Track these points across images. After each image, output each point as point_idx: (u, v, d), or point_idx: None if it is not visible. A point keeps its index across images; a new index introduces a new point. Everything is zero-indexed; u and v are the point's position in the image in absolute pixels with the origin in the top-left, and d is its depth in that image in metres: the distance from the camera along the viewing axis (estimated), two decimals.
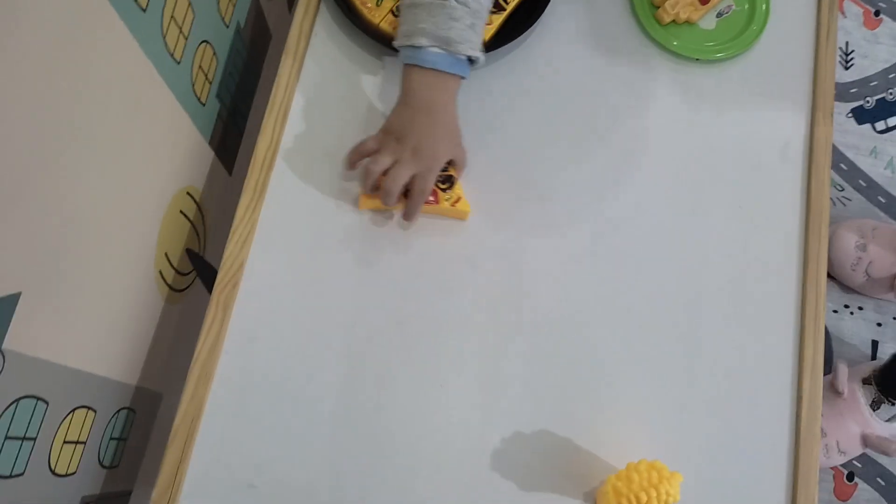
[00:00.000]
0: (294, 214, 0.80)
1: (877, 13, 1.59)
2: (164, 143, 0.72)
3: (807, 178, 0.85)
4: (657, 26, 0.89)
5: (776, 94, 0.88)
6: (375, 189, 0.75)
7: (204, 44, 0.75)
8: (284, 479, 0.72)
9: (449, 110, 0.76)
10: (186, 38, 0.70)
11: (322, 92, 0.84)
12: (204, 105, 0.79)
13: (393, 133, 0.75)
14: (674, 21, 0.89)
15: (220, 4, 0.77)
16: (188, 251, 0.83)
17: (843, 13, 1.58)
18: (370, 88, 0.85)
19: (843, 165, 1.47)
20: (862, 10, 1.59)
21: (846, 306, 1.38)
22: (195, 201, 0.82)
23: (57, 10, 0.49)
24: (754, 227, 0.83)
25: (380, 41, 0.84)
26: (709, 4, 0.89)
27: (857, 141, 1.49)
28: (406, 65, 0.74)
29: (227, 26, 0.81)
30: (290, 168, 0.81)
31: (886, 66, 1.55)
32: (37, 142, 0.51)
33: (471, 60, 0.75)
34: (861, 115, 1.51)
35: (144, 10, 0.60)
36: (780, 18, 0.91)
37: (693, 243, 0.82)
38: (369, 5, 0.85)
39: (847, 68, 1.54)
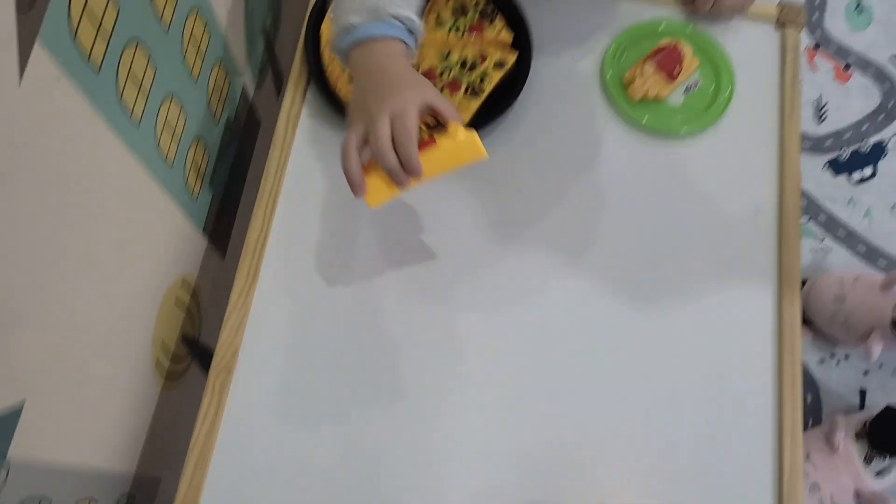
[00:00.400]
0: (286, 298, 0.83)
1: (847, 67, 1.64)
2: (159, 240, 0.75)
3: (778, 243, 0.88)
4: (628, 104, 0.93)
5: (745, 163, 0.92)
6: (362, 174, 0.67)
7: (196, 142, 0.79)
8: None
9: (399, 65, 0.69)
10: (179, 141, 0.74)
11: (310, 177, 0.88)
12: (196, 198, 0.82)
13: (355, 112, 0.69)
14: (644, 97, 0.93)
15: (211, 103, 0.82)
16: (184, 337, 0.86)
17: (814, 68, 1.64)
18: None
19: (821, 216, 1.50)
20: (833, 65, 1.64)
21: (832, 355, 1.41)
22: (190, 289, 0.85)
23: (56, 136, 0.53)
24: (730, 292, 0.86)
25: None
26: (676, 81, 0.94)
27: (834, 192, 1.53)
28: (348, 56, 0.71)
29: (218, 122, 0.85)
30: (282, 253, 0.84)
31: (859, 117, 1.60)
32: (37, 253, 0.54)
33: (410, 32, 0.71)
34: (837, 167, 1.55)
35: (139, 126, 0.64)
36: (745, 91, 0.95)
37: (671, 310, 0.85)
38: None
39: (821, 121, 1.59)
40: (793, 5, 0.99)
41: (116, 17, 0.56)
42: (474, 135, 0.67)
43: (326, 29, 0.92)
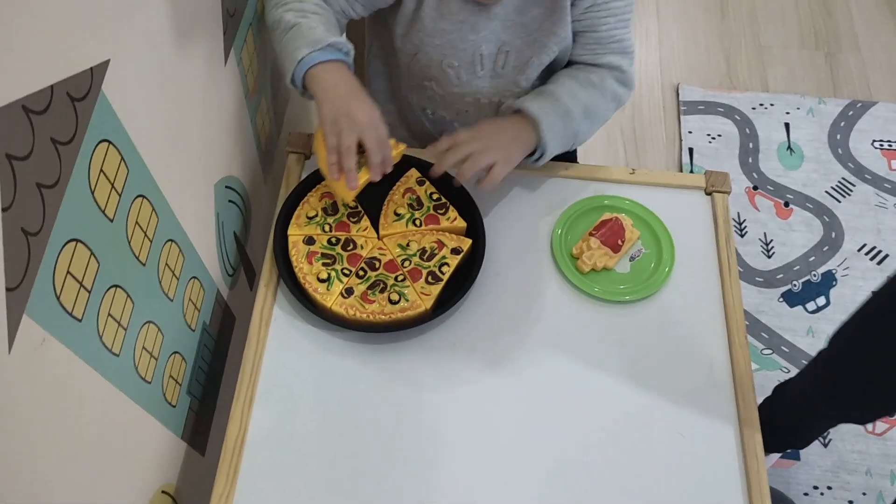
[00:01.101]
0: (267, 499, 0.84)
1: (786, 204, 1.76)
2: (139, 454, 0.78)
3: (735, 398, 0.93)
4: (579, 275, 1.00)
5: (694, 324, 0.98)
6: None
7: (174, 355, 0.83)
8: None
9: (350, 81, 0.91)
10: (157, 360, 0.78)
11: (284, 374, 0.92)
12: (175, 406, 0.86)
13: (335, 120, 0.88)
14: (592, 269, 1.00)
15: (187, 315, 0.87)
16: None
17: (756, 207, 1.75)
18: (328, 367, 0.93)
19: (784, 348, 1.56)
20: (773, 203, 1.76)
21: (815, 487, 1.42)
22: (171, 496, 0.86)
23: (40, 384, 0.57)
24: (695, 453, 0.89)
25: (333, 322, 0.93)
26: (621, 252, 1.01)
27: (793, 323, 1.59)
28: (305, 81, 0.90)
29: (194, 330, 0.90)
30: (260, 452, 0.87)
31: (805, 250, 1.70)
32: (15, 478, 0.56)
33: (346, 53, 0.92)
34: (791, 299, 1.62)
35: (118, 356, 0.69)
36: (685, 254, 1.02)
37: (636, 471, 0.88)
38: (320, 290, 0.95)
39: (769, 257, 1.68)
40: (718, 174, 1.08)
41: (97, 271, 0.62)
42: (402, 146, 0.98)
43: (293, 231, 0.99)
